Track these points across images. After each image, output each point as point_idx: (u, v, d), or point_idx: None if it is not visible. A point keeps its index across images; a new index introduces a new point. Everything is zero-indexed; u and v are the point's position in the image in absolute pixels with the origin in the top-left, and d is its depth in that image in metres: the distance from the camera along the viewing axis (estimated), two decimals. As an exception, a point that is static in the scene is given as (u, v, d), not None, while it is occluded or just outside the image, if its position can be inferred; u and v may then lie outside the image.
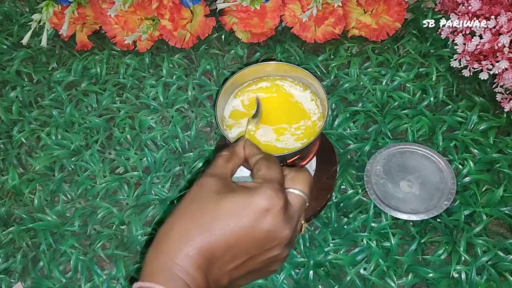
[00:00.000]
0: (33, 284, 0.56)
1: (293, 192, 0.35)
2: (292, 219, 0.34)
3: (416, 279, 0.53)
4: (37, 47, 0.78)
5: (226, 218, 0.32)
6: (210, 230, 0.31)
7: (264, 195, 0.32)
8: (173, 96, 0.70)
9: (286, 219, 0.33)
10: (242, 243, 0.32)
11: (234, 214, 0.32)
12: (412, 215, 0.56)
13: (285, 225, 0.33)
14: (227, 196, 0.33)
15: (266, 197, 0.32)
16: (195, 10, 0.73)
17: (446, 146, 0.61)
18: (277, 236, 0.32)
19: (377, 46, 0.73)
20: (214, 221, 0.32)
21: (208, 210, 0.32)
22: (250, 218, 0.32)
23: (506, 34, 0.59)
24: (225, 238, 0.31)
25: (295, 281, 0.53)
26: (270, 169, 0.35)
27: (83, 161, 0.64)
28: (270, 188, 0.32)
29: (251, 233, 0.32)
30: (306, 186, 0.36)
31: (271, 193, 0.32)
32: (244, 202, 0.32)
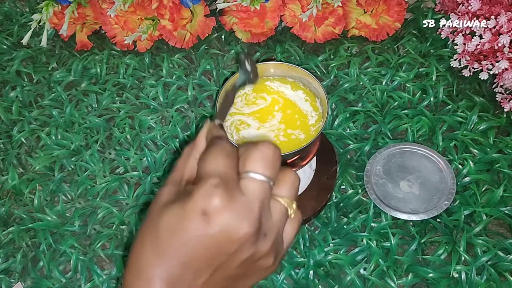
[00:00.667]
0: (33, 284, 0.56)
1: (245, 177, 0.28)
2: (249, 209, 0.27)
3: (416, 279, 0.53)
4: (37, 47, 0.78)
5: (167, 237, 0.27)
6: (158, 254, 0.28)
7: (196, 198, 0.27)
8: (173, 96, 0.70)
9: (236, 214, 0.27)
10: (196, 257, 0.28)
11: (173, 230, 0.27)
12: (412, 215, 0.56)
13: (237, 222, 0.27)
14: (166, 210, 0.28)
15: (199, 198, 0.26)
16: (195, 10, 0.73)
17: (446, 146, 0.61)
18: (233, 235, 0.27)
19: (377, 46, 0.73)
20: (159, 242, 0.28)
21: (153, 231, 0.28)
22: (190, 229, 0.27)
23: (506, 34, 0.59)
24: (175, 258, 0.27)
25: (295, 281, 0.53)
26: (206, 162, 0.29)
27: (83, 161, 0.64)
28: (204, 186, 0.27)
29: (199, 244, 0.27)
30: (260, 163, 0.28)
31: (204, 192, 0.26)
32: (178, 214, 0.27)
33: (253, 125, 0.49)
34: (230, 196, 0.27)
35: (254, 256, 0.29)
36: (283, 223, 0.30)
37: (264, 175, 0.28)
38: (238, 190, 0.28)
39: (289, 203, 0.30)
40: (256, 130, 0.48)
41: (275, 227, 0.30)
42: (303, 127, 0.48)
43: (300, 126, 0.48)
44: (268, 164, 0.29)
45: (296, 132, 0.48)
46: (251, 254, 0.29)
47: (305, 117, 0.49)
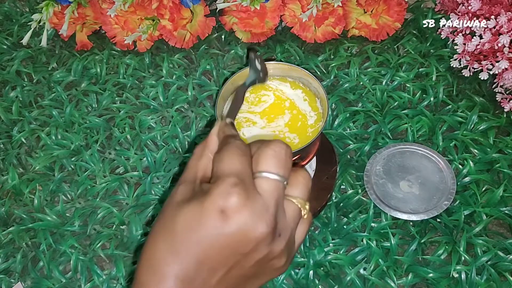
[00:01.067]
0: (33, 284, 0.56)
1: (260, 177, 0.28)
2: (265, 208, 0.27)
3: (416, 279, 0.53)
4: (37, 47, 0.78)
5: (184, 233, 0.28)
6: (174, 251, 0.28)
7: (214, 196, 0.27)
8: (173, 96, 0.70)
9: (253, 213, 0.27)
10: (212, 256, 0.28)
11: (190, 227, 0.27)
12: (412, 215, 0.56)
13: (254, 222, 0.27)
14: (182, 207, 0.28)
15: (217, 198, 0.27)
16: (195, 10, 0.73)
17: (446, 146, 0.61)
18: (250, 236, 0.27)
19: (377, 46, 0.73)
20: (175, 240, 0.28)
21: (169, 228, 0.28)
22: (208, 228, 0.27)
23: (506, 34, 0.59)
24: (190, 255, 0.27)
25: (295, 281, 0.53)
26: (222, 162, 0.29)
27: (83, 161, 0.64)
28: (222, 185, 0.27)
29: (216, 242, 0.27)
30: (274, 163, 0.29)
31: (222, 191, 0.27)
32: (196, 211, 0.27)
33: (259, 123, 0.49)
34: (247, 195, 0.27)
35: (268, 256, 0.29)
36: (296, 224, 0.30)
37: (277, 175, 0.29)
38: (255, 190, 0.28)
39: (302, 204, 0.30)
40: (259, 129, 0.48)
41: (289, 227, 0.30)
42: (301, 130, 0.48)
43: (299, 128, 0.48)
44: (281, 163, 0.29)
45: (292, 136, 0.48)
46: (265, 254, 0.29)
47: (304, 117, 0.49)
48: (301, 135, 0.47)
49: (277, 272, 0.31)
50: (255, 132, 0.48)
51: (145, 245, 0.30)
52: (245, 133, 0.48)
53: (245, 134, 0.48)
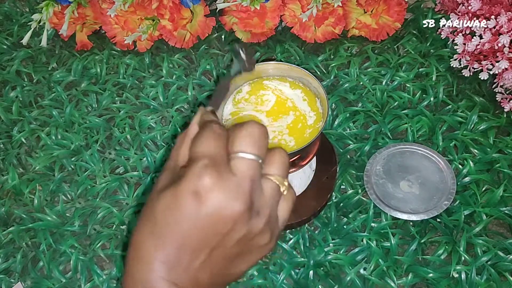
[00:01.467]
0: (33, 284, 0.56)
1: (235, 157, 0.28)
2: (240, 188, 0.27)
3: (416, 279, 0.53)
4: (37, 47, 0.78)
5: (163, 219, 0.28)
6: (156, 237, 0.28)
7: (187, 179, 0.27)
8: (173, 96, 0.70)
9: (227, 193, 0.27)
10: (192, 238, 0.28)
11: (168, 211, 0.28)
12: (412, 215, 0.56)
13: (229, 201, 0.27)
14: (161, 193, 0.29)
15: (190, 180, 0.27)
16: (195, 10, 0.73)
17: (446, 146, 0.61)
18: (225, 215, 0.27)
19: (377, 46, 0.73)
20: (156, 227, 0.28)
21: (150, 216, 0.29)
22: (184, 210, 0.27)
23: (506, 34, 0.59)
24: (172, 240, 0.28)
25: (295, 281, 0.53)
26: (196, 145, 0.29)
27: (83, 161, 0.64)
28: (194, 167, 0.27)
29: (193, 224, 0.27)
30: (249, 142, 0.29)
31: (195, 173, 0.27)
32: (172, 195, 0.28)
33: (263, 122, 0.49)
34: (220, 176, 0.27)
35: (249, 234, 0.29)
36: (276, 201, 0.31)
37: (252, 154, 0.28)
38: (228, 169, 0.28)
39: (280, 181, 0.30)
40: None
41: (267, 204, 0.30)
42: (299, 133, 0.48)
43: (297, 131, 0.48)
44: (255, 143, 0.29)
45: (288, 139, 0.48)
46: (245, 233, 0.29)
47: (304, 117, 0.49)
48: (298, 138, 0.47)
49: (263, 250, 0.31)
50: None
51: (132, 234, 0.30)
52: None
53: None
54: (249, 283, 0.54)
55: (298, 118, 0.49)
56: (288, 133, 0.48)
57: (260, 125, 0.30)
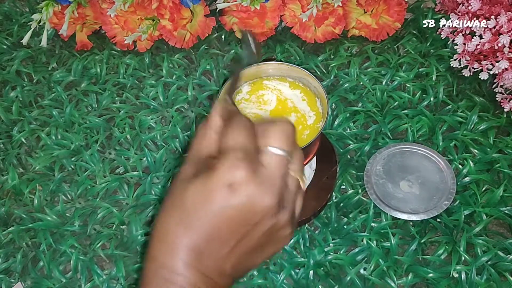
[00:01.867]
0: (33, 284, 0.56)
1: (265, 151, 0.30)
2: (271, 181, 0.29)
3: (416, 279, 0.53)
4: (37, 47, 0.78)
5: (193, 208, 0.29)
6: (185, 225, 0.29)
7: (221, 170, 0.28)
8: (173, 96, 0.70)
9: (260, 186, 0.28)
10: (222, 228, 0.29)
11: (199, 202, 0.29)
12: (412, 215, 0.56)
13: (261, 194, 0.28)
14: (190, 183, 0.29)
15: (224, 171, 0.28)
16: (195, 10, 0.73)
17: (446, 146, 0.61)
18: (257, 207, 0.28)
19: (377, 46, 0.73)
20: (185, 216, 0.29)
21: (178, 203, 0.30)
22: (216, 201, 0.28)
23: (506, 34, 0.59)
24: (201, 228, 0.29)
25: (295, 281, 0.53)
26: (229, 136, 0.30)
27: (83, 161, 0.64)
28: (228, 160, 0.28)
29: (225, 215, 0.28)
30: (281, 139, 0.30)
31: (229, 165, 0.28)
32: (204, 186, 0.28)
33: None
34: (253, 169, 0.28)
35: (275, 226, 0.30)
36: (297, 195, 0.32)
37: (283, 150, 0.30)
38: (259, 163, 0.29)
39: (300, 176, 0.32)
40: None
41: (291, 199, 0.31)
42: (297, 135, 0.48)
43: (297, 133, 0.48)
44: (288, 140, 0.30)
45: None
46: (272, 225, 0.30)
47: (304, 118, 0.49)
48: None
49: (283, 242, 0.33)
50: None
51: (155, 223, 0.31)
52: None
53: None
54: (250, 283, 0.54)
55: (299, 119, 0.49)
56: None
57: (292, 124, 0.31)
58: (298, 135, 0.48)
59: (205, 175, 0.29)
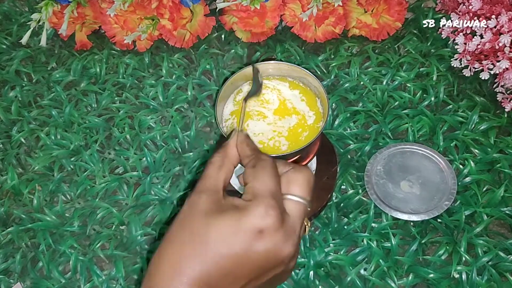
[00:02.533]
0: (32, 284, 0.55)
1: (290, 199, 0.31)
2: (293, 232, 0.30)
3: (417, 279, 0.52)
4: (36, 47, 0.78)
5: (216, 245, 0.29)
6: (201, 258, 0.29)
7: (253, 215, 0.29)
8: (173, 96, 0.70)
9: (285, 236, 0.30)
10: (239, 269, 0.29)
11: (225, 241, 0.29)
12: (413, 215, 0.55)
13: (284, 243, 0.30)
14: (216, 219, 0.30)
15: (256, 217, 0.29)
16: (195, 10, 0.73)
17: (446, 146, 0.61)
18: (278, 256, 0.30)
19: (378, 46, 0.73)
20: (204, 249, 0.29)
21: (198, 237, 0.30)
22: (242, 244, 0.29)
23: (506, 33, 0.58)
24: (218, 266, 0.29)
25: (295, 281, 0.53)
26: (258, 180, 0.31)
27: (83, 161, 0.64)
28: (261, 206, 0.29)
29: (247, 259, 0.29)
30: (305, 189, 0.32)
31: (261, 212, 0.29)
32: (233, 227, 0.29)
33: (269, 118, 0.49)
34: (282, 218, 0.30)
35: (285, 270, 0.32)
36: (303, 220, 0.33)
37: (305, 199, 0.32)
38: (285, 211, 0.31)
39: (307, 221, 0.34)
40: (266, 125, 0.48)
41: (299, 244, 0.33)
42: (295, 137, 0.48)
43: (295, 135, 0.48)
44: (309, 189, 0.32)
45: (283, 142, 0.47)
46: (283, 270, 0.31)
47: (303, 118, 0.49)
48: (292, 143, 0.47)
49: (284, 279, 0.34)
50: (261, 126, 0.48)
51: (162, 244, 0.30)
52: (250, 125, 0.48)
53: (249, 126, 0.48)
54: None
55: (300, 121, 0.49)
56: (286, 136, 0.48)
57: (312, 172, 0.33)
58: (296, 138, 0.48)
59: (235, 215, 0.29)
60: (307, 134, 0.48)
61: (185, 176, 0.62)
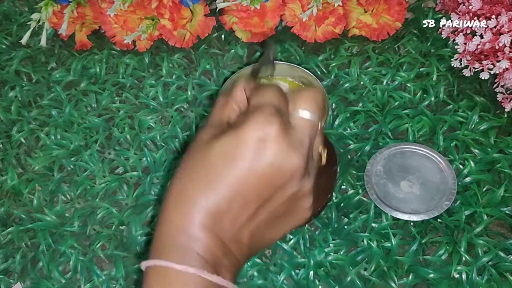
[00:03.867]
0: (32, 284, 0.55)
1: (297, 115, 0.29)
2: (300, 144, 0.28)
3: (417, 279, 0.52)
4: (36, 47, 0.78)
5: (219, 166, 0.27)
6: (207, 185, 0.27)
7: (253, 124, 0.27)
8: (173, 96, 0.70)
9: (290, 145, 0.27)
10: (248, 187, 0.27)
11: (226, 158, 0.27)
12: (413, 215, 0.55)
13: (290, 153, 0.27)
14: (216, 141, 0.28)
15: (256, 126, 0.27)
16: (195, 10, 0.73)
17: (446, 146, 0.61)
18: (286, 167, 0.27)
19: (378, 46, 0.73)
20: (208, 174, 0.27)
21: (200, 163, 0.28)
22: (246, 156, 0.26)
23: (507, 33, 0.58)
24: (225, 187, 0.27)
25: (295, 281, 0.53)
26: (261, 95, 0.29)
27: (83, 161, 0.64)
28: (260, 114, 0.27)
29: (253, 173, 0.27)
30: (311, 104, 0.29)
31: (261, 120, 0.27)
32: (233, 141, 0.27)
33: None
34: (285, 127, 0.27)
35: (298, 193, 0.29)
36: (317, 168, 0.31)
37: (314, 114, 0.29)
38: (290, 124, 0.28)
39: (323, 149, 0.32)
40: None
41: (314, 168, 0.31)
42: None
43: None
44: (318, 106, 0.30)
45: None
46: (296, 191, 0.29)
47: None
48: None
49: (302, 215, 0.31)
50: None
51: (169, 186, 0.29)
52: None
53: None
54: (250, 284, 0.54)
55: None
56: None
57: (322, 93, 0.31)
58: None
59: (234, 130, 0.27)
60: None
61: (185, 176, 0.62)
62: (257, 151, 0.26)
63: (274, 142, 0.27)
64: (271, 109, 0.27)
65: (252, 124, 0.27)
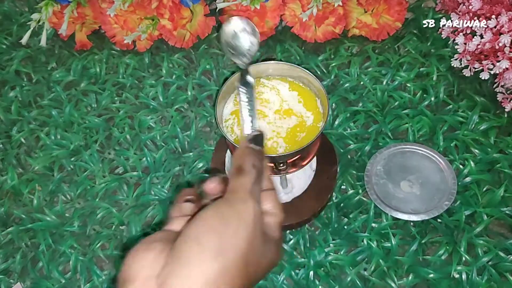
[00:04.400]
0: (32, 284, 0.55)
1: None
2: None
3: (417, 279, 0.52)
4: (36, 47, 0.78)
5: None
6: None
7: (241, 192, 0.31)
8: (173, 96, 0.70)
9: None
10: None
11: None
12: (413, 215, 0.55)
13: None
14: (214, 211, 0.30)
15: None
16: (195, 10, 0.73)
17: (446, 146, 0.61)
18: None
19: (378, 46, 0.73)
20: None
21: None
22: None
23: (507, 33, 0.58)
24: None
25: (295, 281, 0.53)
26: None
27: (83, 161, 0.64)
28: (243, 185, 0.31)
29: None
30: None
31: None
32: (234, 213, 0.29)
33: (269, 117, 0.49)
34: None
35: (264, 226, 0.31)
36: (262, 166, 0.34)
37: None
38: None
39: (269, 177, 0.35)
40: (266, 124, 0.48)
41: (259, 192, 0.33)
42: (293, 139, 0.48)
43: (293, 136, 0.48)
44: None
45: (281, 143, 0.47)
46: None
47: (304, 121, 0.49)
48: (289, 144, 0.47)
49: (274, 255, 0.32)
50: (261, 125, 0.48)
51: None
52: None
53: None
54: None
55: (300, 123, 0.49)
56: (284, 137, 0.48)
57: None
58: (293, 138, 0.48)
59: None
60: (304, 135, 0.48)
61: (185, 176, 0.62)
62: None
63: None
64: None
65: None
